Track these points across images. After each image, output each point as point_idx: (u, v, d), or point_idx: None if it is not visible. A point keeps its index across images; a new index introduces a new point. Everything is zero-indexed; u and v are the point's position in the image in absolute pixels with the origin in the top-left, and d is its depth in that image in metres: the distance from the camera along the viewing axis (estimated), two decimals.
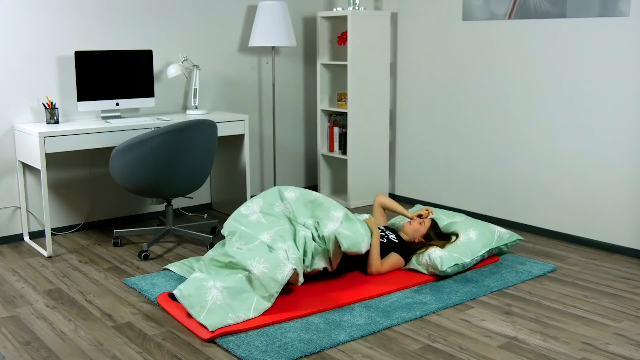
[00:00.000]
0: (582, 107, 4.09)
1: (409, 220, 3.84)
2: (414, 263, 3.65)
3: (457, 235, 3.77)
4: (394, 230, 3.80)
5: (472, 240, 3.71)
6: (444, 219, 4.02)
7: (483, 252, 3.69)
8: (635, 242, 3.96)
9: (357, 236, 3.37)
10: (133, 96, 4.47)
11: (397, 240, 3.67)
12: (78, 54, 4.20)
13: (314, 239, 3.47)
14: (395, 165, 5.39)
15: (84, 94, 4.26)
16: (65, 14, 4.32)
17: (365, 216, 3.72)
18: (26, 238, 4.34)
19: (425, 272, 3.58)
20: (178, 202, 5.02)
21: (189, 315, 3.05)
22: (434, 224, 3.80)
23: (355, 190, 5.19)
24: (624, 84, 3.88)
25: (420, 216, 3.85)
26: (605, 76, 3.96)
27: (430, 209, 3.92)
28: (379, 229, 3.74)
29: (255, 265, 3.17)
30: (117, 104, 4.42)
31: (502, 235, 3.85)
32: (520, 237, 3.93)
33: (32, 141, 3.95)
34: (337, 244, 3.39)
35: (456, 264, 3.53)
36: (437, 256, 3.53)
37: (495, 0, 4.45)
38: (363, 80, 5.07)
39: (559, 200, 4.29)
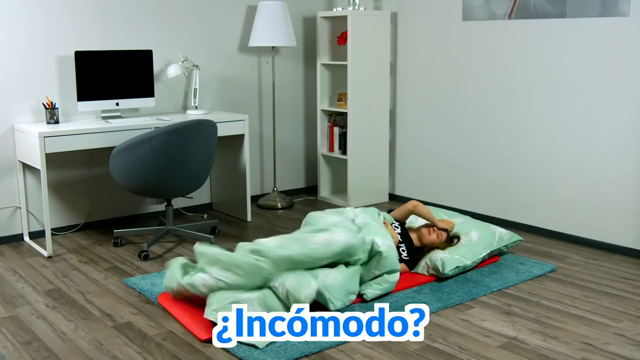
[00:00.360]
0: (582, 107, 4.09)
1: (429, 227, 3.72)
2: None
3: (458, 238, 3.76)
4: (407, 240, 3.66)
5: (474, 242, 3.70)
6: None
7: (484, 254, 3.69)
8: (635, 242, 3.96)
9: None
10: (133, 96, 4.47)
11: (408, 258, 3.62)
12: (78, 54, 4.20)
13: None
14: (395, 165, 5.39)
15: (84, 94, 4.26)
16: (65, 14, 4.32)
17: (381, 219, 3.62)
18: (26, 238, 4.34)
19: (425, 273, 3.58)
20: (178, 202, 5.02)
21: (190, 315, 3.05)
22: (447, 235, 3.78)
23: (355, 190, 5.18)
24: (624, 84, 3.88)
25: (445, 230, 3.74)
26: (605, 76, 3.96)
27: (453, 224, 3.82)
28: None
29: (282, 282, 3.00)
30: (117, 104, 4.42)
31: (503, 237, 3.84)
32: (520, 238, 3.92)
33: (32, 141, 3.95)
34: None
35: (457, 266, 3.52)
36: (439, 258, 3.52)
37: (495, 0, 4.45)
38: (363, 80, 5.07)
39: (559, 200, 4.29)
